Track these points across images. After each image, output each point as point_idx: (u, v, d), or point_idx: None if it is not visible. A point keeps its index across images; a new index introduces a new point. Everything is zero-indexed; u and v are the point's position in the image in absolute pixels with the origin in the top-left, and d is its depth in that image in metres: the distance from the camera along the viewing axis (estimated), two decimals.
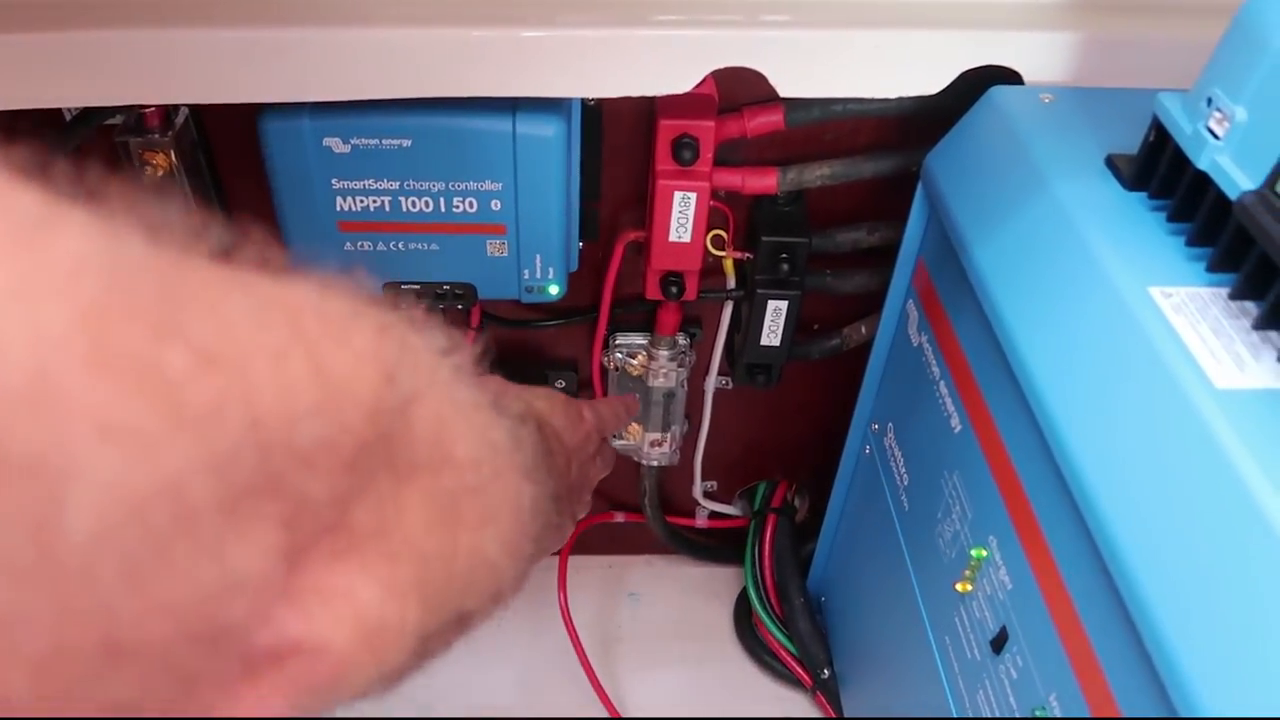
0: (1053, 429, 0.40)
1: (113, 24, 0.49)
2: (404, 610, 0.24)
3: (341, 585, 0.22)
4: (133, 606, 0.16)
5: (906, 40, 0.52)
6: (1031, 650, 0.44)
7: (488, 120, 0.54)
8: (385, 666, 0.24)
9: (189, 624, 0.17)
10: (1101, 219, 0.43)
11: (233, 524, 0.18)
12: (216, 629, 0.18)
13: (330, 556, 0.22)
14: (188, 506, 0.17)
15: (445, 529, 0.26)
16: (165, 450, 0.16)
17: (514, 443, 0.31)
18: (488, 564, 0.28)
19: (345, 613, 0.22)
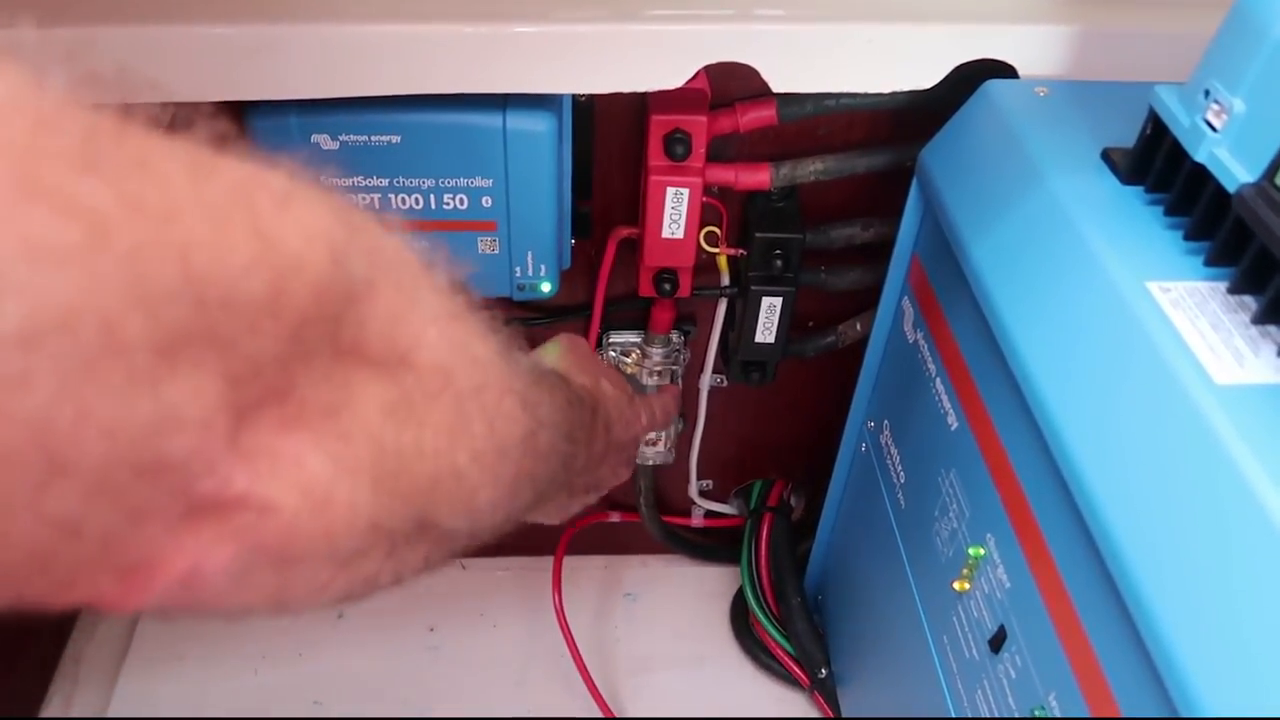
0: (1050, 427, 0.39)
1: (94, 21, 0.49)
2: (355, 489, 0.24)
3: (290, 452, 0.23)
4: (68, 417, 0.17)
5: (900, 35, 0.52)
6: (1030, 649, 0.44)
7: (478, 116, 0.54)
8: (336, 546, 0.24)
9: (127, 450, 0.18)
10: (1098, 213, 0.43)
11: (168, 363, 0.18)
12: (157, 462, 0.19)
13: (279, 423, 0.22)
14: (118, 336, 0.17)
15: (404, 425, 0.26)
16: (93, 276, 0.17)
17: (512, 368, 0.31)
18: (455, 473, 0.28)
19: (293, 478, 0.23)
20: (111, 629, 0.90)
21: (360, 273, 0.23)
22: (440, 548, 0.31)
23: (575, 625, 0.85)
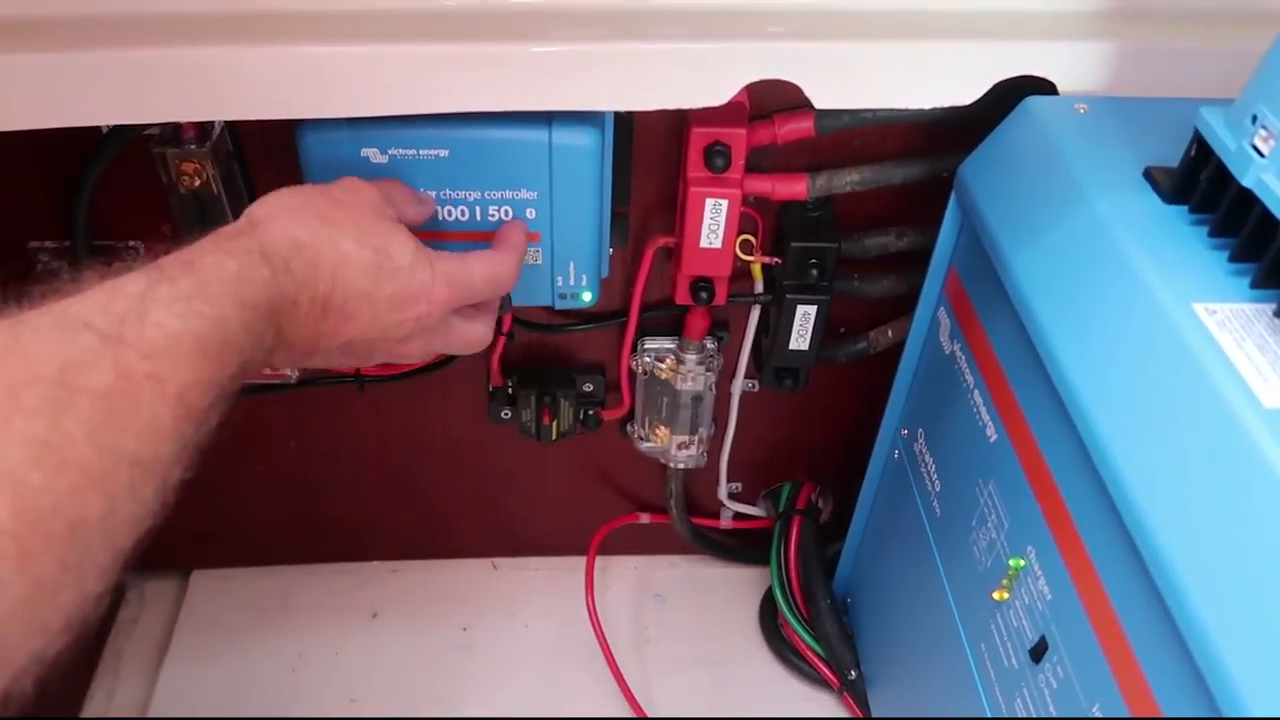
0: (1096, 445, 0.40)
1: (157, 43, 0.50)
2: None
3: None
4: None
5: (941, 52, 0.53)
6: (1073, 660, 0.45)
7: (524, 131, 0.55)
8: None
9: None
10: (1142, 232, 0.44)
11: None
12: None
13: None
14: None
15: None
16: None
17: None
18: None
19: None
20: (151, 627, 0.92)
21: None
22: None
23: (605, 625, 0.86)
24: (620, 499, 0.92)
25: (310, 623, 0.92)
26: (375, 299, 0.44)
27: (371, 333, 0.45)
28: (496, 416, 0.79)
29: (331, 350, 0.45)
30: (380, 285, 0.44)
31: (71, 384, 0.30)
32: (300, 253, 0.42)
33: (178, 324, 0.34)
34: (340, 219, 0.44)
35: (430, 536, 0.94)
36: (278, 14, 0.52)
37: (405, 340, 0.48)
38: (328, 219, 0.44)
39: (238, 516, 0.90)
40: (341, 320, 0.44)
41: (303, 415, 0.81)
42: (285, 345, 0.42)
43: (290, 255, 0.41)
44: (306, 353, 0.44)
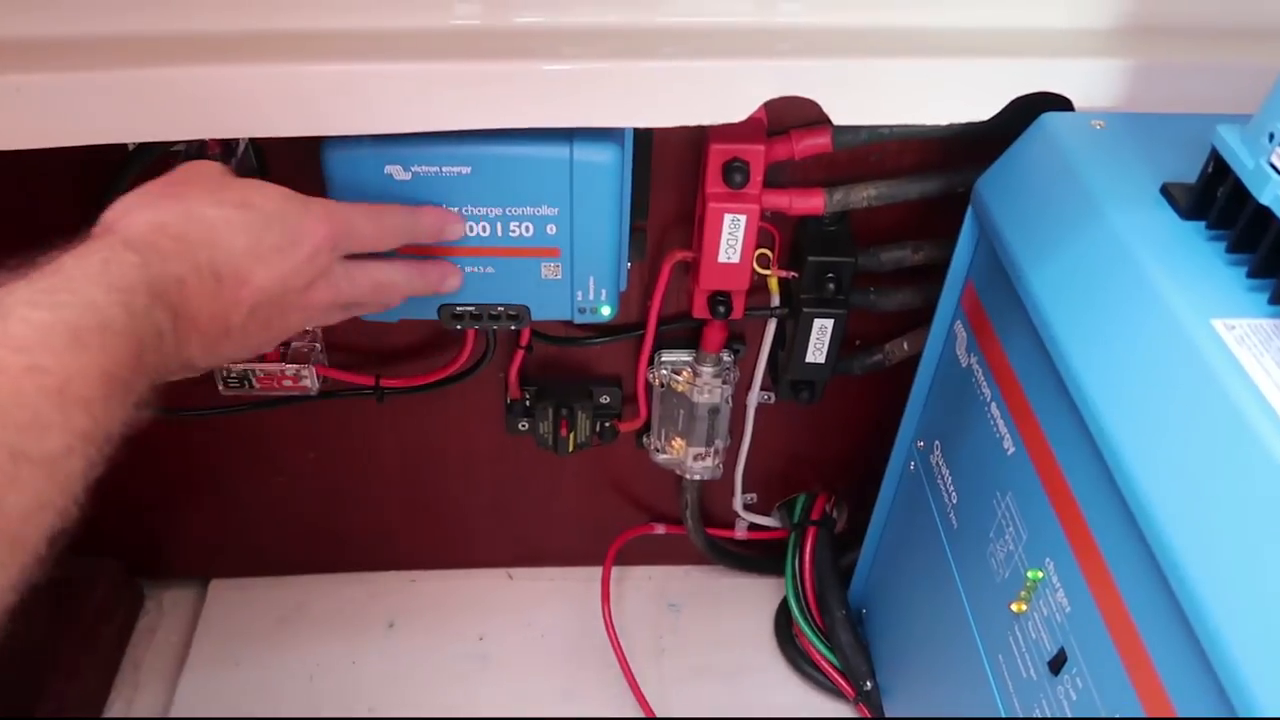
0: (1116, 458, 0.40)
1: (186, 61, 0.51)
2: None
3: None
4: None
5: (959, 69, 0.53)
6: (1092, 672, 0.45)
7: (545, 147, 0.55)
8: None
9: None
10: (1159, 248, 0.44)
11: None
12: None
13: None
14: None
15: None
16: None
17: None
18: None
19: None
20: (170, 636, 0.93)
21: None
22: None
23: (620, 635, 0.86)
24: (635, 510, 0.92)
25: (328, 632, 0.92)
26: (260, 251, 0.44)
27: (273, 288, 0.44)
28: (514, 428, 0.80)
29: (245, 324, 0.44)
30: (260, 236, 0.44)
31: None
32: (163, 230, 0.41)
33: (45, 314, 0.34)
34: (190, 191, 0.44)
35: (447, 546, 0.95)
36: (302, 33, 0.53)
37: (309, 289, 0.47)
38: (179, 195, 0.44)
39: (256, 526, 0.91)
40: (237, 284, 0.43)
41: (322, 427, 0.82)
42: (193, 330, 0.41)
43: (154, 237, 0.40)
44: (220, 333, 0.43)
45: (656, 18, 0.54)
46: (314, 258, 0.46)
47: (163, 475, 0.85)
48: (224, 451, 0.84)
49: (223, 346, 0.44)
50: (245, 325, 0.44)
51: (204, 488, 0.88)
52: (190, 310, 0.41)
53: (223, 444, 0.83)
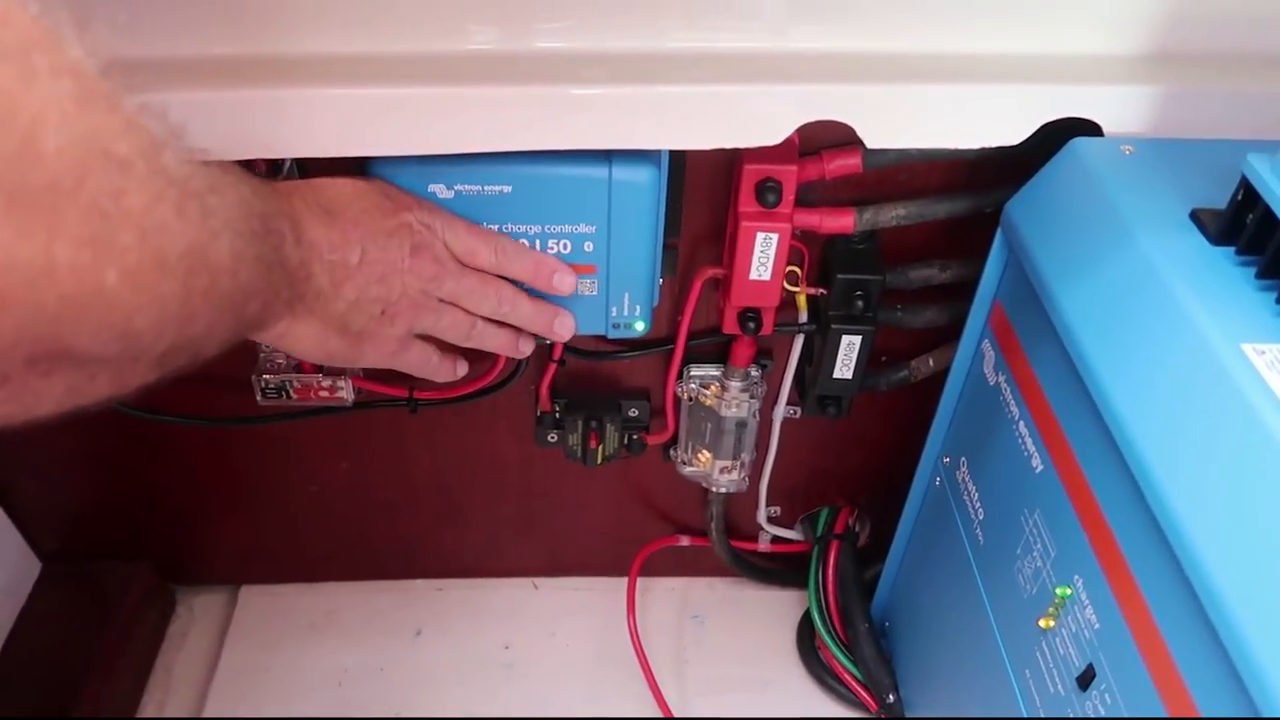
0: (1147, 479, 0.41)
1: (234, 84, 0.52)
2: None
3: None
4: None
5: (990, 94, 0.54)
6: (1121, 689, 0.46)
7: (585, 168, 0.57)
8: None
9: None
10: (1189, 273, 0.45)
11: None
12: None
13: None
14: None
15: (27, 232, 0.23)
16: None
17: (168, 166, 0.29)
18: (99, 291, 0.25)
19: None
20: (201, 641, 0.94)
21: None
22: (90, 376, 0.28)
23: (644, 646, 0.87)
24: (661, 521, 0.94)
25: (356, 639, 0.94)
26: (364, 203, 0.49)
27: (380, 233, 0.49)
28: (543, 440, 0.81)
29: (362, 269, 0.47)
30: (360, 191, 0.49)
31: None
32: (268, 183, 0.44)
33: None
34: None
35: (474, 556, 0.96)
36: (346, 57, 0.55)
37: (415, 255, 0.51)
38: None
39: (288, 534, 0.93)
40: (347, 222, 0.47)
41: (355, 438, 0.84)
42: (314, 254, 0.44)
43: (258, 183, 0.42)
44: (341, 267, 0.46)
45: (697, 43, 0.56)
46: (407, 225, 0.51)
47: (198, 482, 0.87)
48: (258, 460, 0.86)
49: (346, 287, 0.47)
50: (363, 270, 0.47)
51: (237, 495, 0.89)
52: (306, 229, 0.43)
53: (257, 453, 0.85)
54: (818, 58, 0.56)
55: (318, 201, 0.45)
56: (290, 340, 0.46)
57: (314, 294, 0.45)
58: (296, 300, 0.44)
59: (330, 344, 0.49)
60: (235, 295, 0.34)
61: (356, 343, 0.50)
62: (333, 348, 0.49)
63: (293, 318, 0.45)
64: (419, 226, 0.52)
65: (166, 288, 0.29)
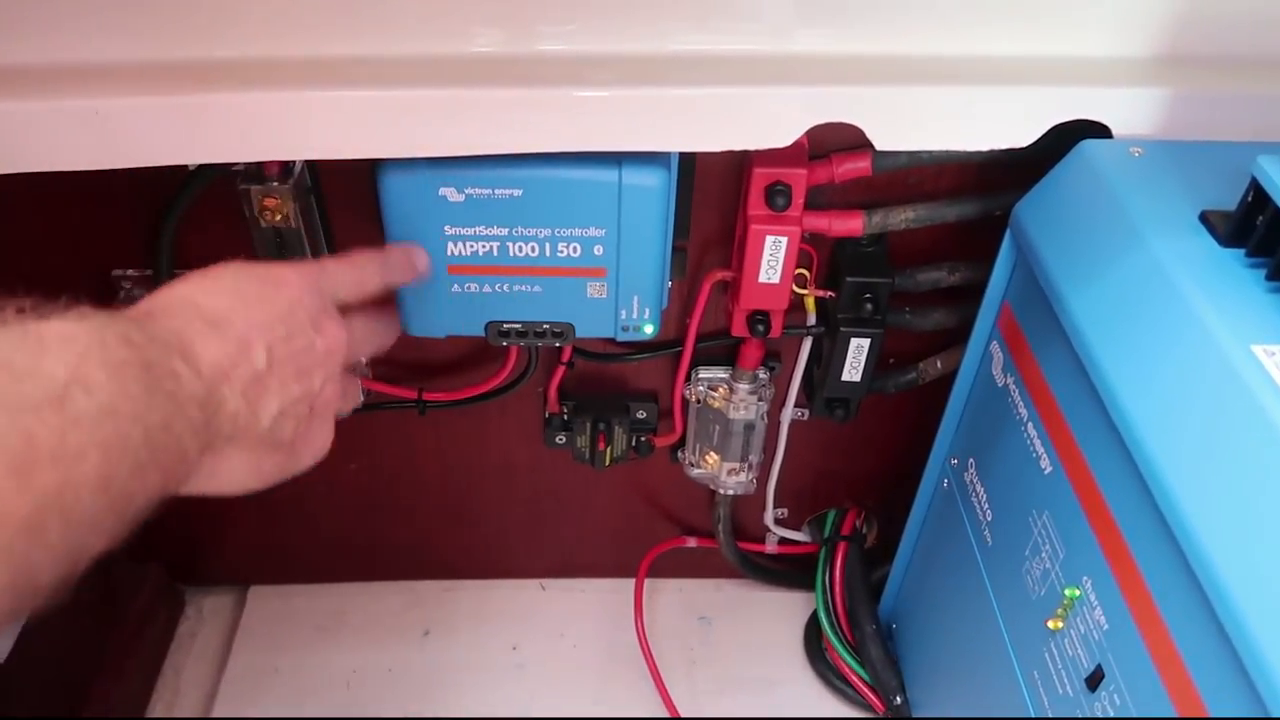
0: (1157, 481, 0.41)
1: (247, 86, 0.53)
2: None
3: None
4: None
5: (1000, 96, 0.54)
6: (1130, 689, 0.46)
7: (595, 171, 0.57)
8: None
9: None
10: (1199, 275, 0.45)
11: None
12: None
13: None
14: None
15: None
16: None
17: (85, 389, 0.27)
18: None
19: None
20: (210, 641, 0.95)
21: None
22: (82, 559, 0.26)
23: (652, 646, 0.88)
24: (668, 523, 0.94)
25: (365, 639, 0.94)
26: (246, 298, 0.41)
27: (277, 328, 0.41)
28: (551, 441, 0.81)
29: (274, 371, 0.41)
30: (238, 287, 0.41)
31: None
32: (144, 307, 0.39)
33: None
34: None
35: (483, 557, 0.96)
36: (359, 60, 0.55)
37: (320, 331, 0.44)
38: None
39: (297, 534, 0.93)
40: (237, 328, 0.39)
41: (365, 439, 0.84)
42: (220, 378, 0.38)
43: (135, 313, 0.38)
44: (251, 381, 0.39)
45: (706, 46, 0.56)
46: (299, 300, 0.43)
47: None
48: None
49: (265, 401, 0.40)
50: (275, 373, 0.41)
51: (246, 497, 0.89)
52: (200, 353, 0.37)
53: None
54: (827, 60, 0.56)
55: (199, 315, 0.38)
56: (218, 481, 0.41)
57: (230, 423, 0.38)
58: (213, 439, 0.37)
59: (264, 467, 0.43)
60: (115, 501, 0.29)
61: (291, 455, 0.45)
62: (266, 470, 0.43)
63: (216, 459, 0.39)
64: (308, 300, 0.44)
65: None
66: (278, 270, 0.44)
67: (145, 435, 0.31)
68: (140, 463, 0.30)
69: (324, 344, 0.45)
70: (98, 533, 0.29)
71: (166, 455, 0.32)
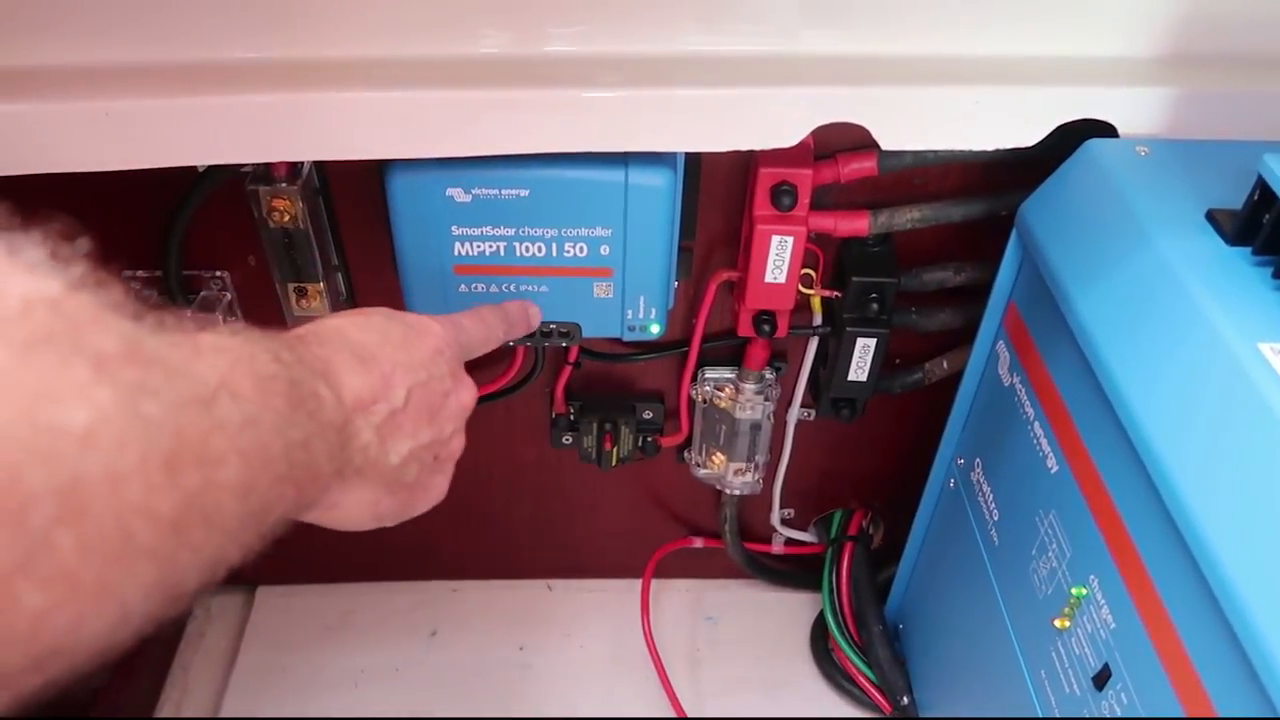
0: (1164, 480, 0.41)
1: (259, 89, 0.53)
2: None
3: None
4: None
5: (1006, 96, 0.55)
6: (1137, 688, 0.46)
7: (601, 171, 0.57)
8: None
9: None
10: (1205, 273, 0.45)
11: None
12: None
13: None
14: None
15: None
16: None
17: (148, 421, 0.25)
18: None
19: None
20: (218, 641, 0.95)
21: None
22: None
23: (658, 647, 0.88)
24: (674, 523, 0.94)
25: (372, 639, 0.94)
26: (391, 340, 0.42)
27: (417, 371, 0.43)
28: (558, 442, 0.82)
29: (409, 412, 0.42)
30: (385, 330, 0.43)
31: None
32: (295, 334, 0.39)
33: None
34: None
35: (489, 557, 0.97)
36: (367, 61, 0.55)
37: (457, 382, 0.46)
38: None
39: (304, 534, 0.92)
40: (382, 366, 0.41)
41: None
42: (357, 409, 0.38)
43: (287, 337, 0.38)
44: (387, 419, 0.40)
45: (712, 46, 0.56)
46: (441, 350, 0.45)
47: None
48: None
49: (396, 439, 0.41)
50: (410, 414, 0.41)
51: None
52: (345, 383, 0.38)
53: None
54: (833, 60, 0.56)
55: (347, 347, 0.39)
56: (339, 513, 0.41)
57: (361, 455, 0.38)
58: (345, 467, 0.37)
59: (381, 506, 0.43)
60: (253, 512, 0.29)
61: (409, 498, 0.45)
62: (383, 510, 0.43)
63: (342, 488, 0.39)
64: (447, 353, 0.46)
65: (130, 579, 0.24)
66: (424, 320, 0.46)
67: (285, 449, 0.31)
68: (279, 475, 0.30)
69: (457, 398, 0.46)
70: (236, 542, 0.29)
71: (303, 472, 0.32)
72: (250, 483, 0.28)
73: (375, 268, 0.70)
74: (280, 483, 0.30)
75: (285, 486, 0.31)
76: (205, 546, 0.26)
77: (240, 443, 0.28)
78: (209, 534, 0.26)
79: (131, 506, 0.23)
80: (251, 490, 0.28)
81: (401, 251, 0.60)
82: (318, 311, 0.69)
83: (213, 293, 0.72)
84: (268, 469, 0.30)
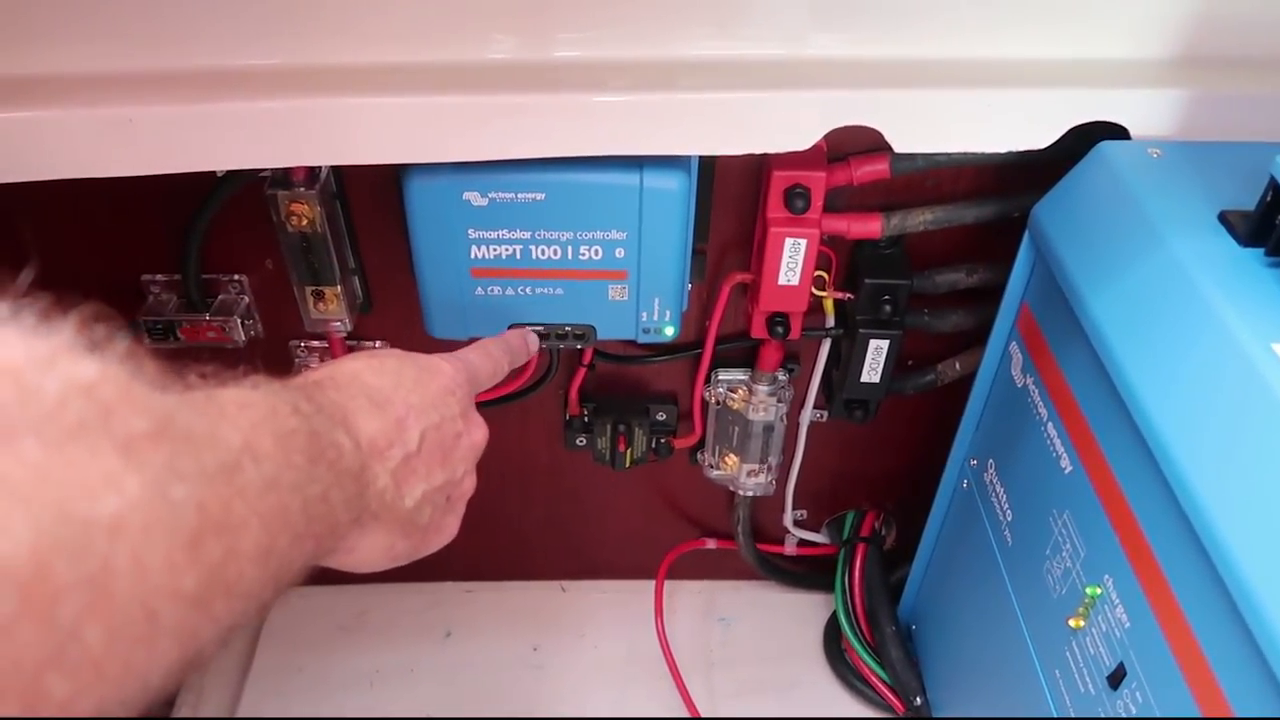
0: (1179, 479, 0.42)
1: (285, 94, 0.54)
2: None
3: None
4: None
5: (1018, 99, 0.55)
6: (1153, 687, 0.46)
7: (617, 175, 0.58)
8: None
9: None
10: (1219, 274, 0.45)
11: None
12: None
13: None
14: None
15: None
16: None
17: (172, 504, 0.25)
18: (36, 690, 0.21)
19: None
20: (234, 642, 0.96)
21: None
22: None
23: (672, 648, 0.88)
24: (688, 525, 0.94)
25: (387, 640, 0.95)
26: (403, 383, 0.43)
27: (430, 414, 0.43)
28: (572, 443, 0.82)
29: (423, 454, 0.42)
30: (398, 372, 0.43)
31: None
32: (311, 379, 0.40)
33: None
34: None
35: (503, 558, 0.97)
36: (383, 67, 0.56)
37: (468, 421, 0.47)
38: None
39: None
40: (396, 409, 0.41)
41: None
42: (374, 454, 0.39)
43: (303, 382, 0.39)
44: (402, 463, 0.41)
45: (727, 51, 0.57)
46: (453, 390, 0.46)
47: None
48: None
49: (411, 482, 0.42)
50: (423, 457, 0.42)
51: None
52: (361, 428, 0.38)
53: None
54: (846, 63, 0.56)
55: (364, 392, 0.40)
56: (355, 557, 0.41)
57: (377, 500, 0.39)
58: (361, 514, 0.38)
59: (396, 549, 0.43)
60: (273, 573, 0.29)
61: (422, 540, 0.45)
62: (398, 552, 0.43)
63: (359, 534, 0.39)
64: (459, 393, 0.47)
65: (154, 660, 0.24)
66: (435, 360, 0.47)
67: (304, 505, 0.31)
68: (298, 534, 0.31)
69: (469, 437, 0.47)
70: (256, 604, 0.29)
71: (321, 525, 0.33)
72: (270, 546, 0.29)
73: (392, 271, 0.71)
74: (299, 540, 0.31)
75: (304, 542, 0.31)
76: (226, 616, 0.27)
77: (260, 506, 0.28)
78: (230, 602, 0.27)
79: (156, 590, 0.24)
80: (271, 553, 0.29)
81: (418, 255, 0.61)
82: (335, 315, 0.69)
83: (231, 296, 0.73)
84: (287, 529, 0.30)
